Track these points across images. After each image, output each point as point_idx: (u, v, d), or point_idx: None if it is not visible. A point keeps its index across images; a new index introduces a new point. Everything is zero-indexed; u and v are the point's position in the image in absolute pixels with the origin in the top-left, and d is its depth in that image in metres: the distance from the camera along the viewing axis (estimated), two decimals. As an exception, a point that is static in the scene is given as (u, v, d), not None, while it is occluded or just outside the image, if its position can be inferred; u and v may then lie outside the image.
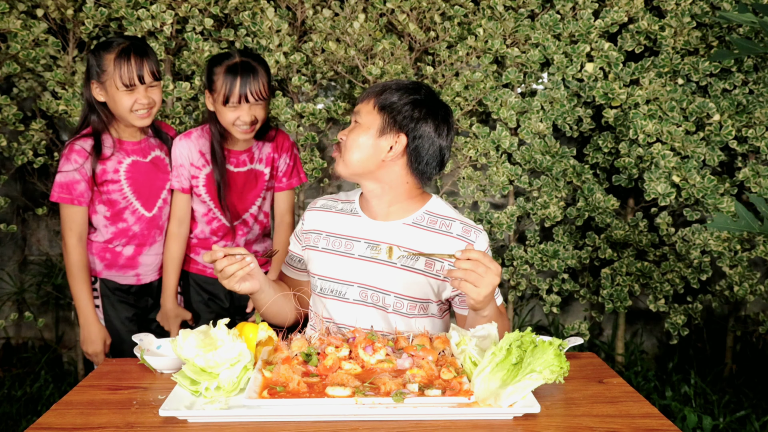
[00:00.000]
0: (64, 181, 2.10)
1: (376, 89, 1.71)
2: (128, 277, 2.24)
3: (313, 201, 1.90)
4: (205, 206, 2.28)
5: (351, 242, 1.75)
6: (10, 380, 3.26)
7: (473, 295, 1.47)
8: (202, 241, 2.33)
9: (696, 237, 3.01)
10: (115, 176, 2.14)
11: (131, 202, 2.18)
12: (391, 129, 1.66)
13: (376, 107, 1.68)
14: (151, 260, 2.27)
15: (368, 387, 1.31)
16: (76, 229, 2.13)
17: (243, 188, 2.29)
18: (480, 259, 1.45)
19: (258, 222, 2.36)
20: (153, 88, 2.10)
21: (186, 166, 2.23)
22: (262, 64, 2.16)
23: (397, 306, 1.71)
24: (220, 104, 2.13)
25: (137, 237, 2.21)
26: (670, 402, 3.09)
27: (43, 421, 1.29)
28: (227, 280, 1.58)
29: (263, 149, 2.31)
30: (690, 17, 2.91)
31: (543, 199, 3.06)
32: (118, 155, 2.15)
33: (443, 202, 1.78)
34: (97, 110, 2.12)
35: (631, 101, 2.95)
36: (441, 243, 1.71)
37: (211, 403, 1.32)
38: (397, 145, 1.67)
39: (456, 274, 1.46)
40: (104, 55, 2.06)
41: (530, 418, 1.29)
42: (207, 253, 1.58)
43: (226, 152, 2.25)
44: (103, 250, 2.20)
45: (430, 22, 2.95)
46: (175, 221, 2.27)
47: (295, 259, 1.90)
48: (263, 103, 2.16)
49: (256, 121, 2.16)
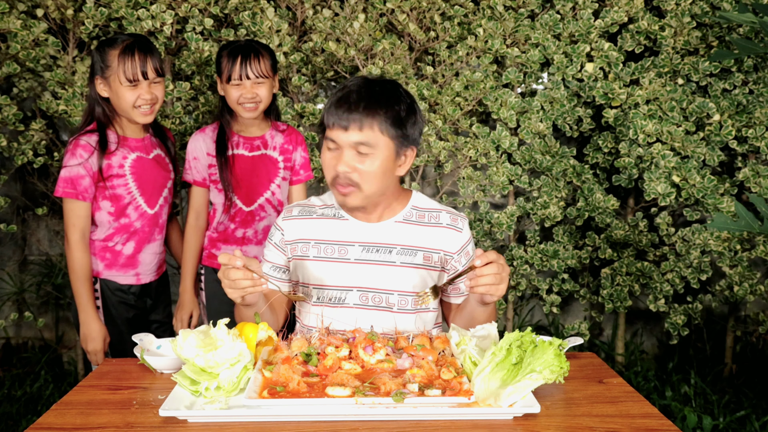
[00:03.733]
0: (68, 176, 2.11)
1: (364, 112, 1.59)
2: (128, 277, 2.25)
3: (286, 209, 1.82)
4: (222, 195, 2.36)
5: (345, 247, 1.74)
6: (10, 380, 3.26)
7: (499, 293, 1.51)
8: (222, 234, 2.39)
9: (696, 237, 3.01)
10: (120, 171, 2.16)
11: (135, 197, 2.19)
12: (405, 146, 1.67)
13: (386, 133, 1.61)
14: (151, 259, 2.27)
15: (368, 387, 1.31)
16: (80, 225, 2.14)
17: (257, 172, 2.37)
18: (496, 260, 1.49)
19: (275, 209, 2.42)
20: (156, 84, 2.13)
21: (201, 159, 2.34)
22: (265, 47, 2.31)
23: (401, 304, 1.72)
24: (225, 83, 2.27)
25: (138, 233, 2.22)
26: (670, 402, 3.09)
27: (43, 421, 1.29)
28: (233, 291, 1.50)
29: (275, 138, 2.42)
30: (690, 17, 2.91)
31: (543, 199, 3.06)
32: (122, 150, 2.17)
33: (423, 195, 1.82)
34: (102, 106, 2.15)
35: (631, 101, 2.95)
36: (433, 235, 1.74)
37: (211, 403, 1.32)
38: (409, 158, 1.69)
39: (485, 281, 1.48)
40: (109, 51, 2.09)
41: (530, 418, 1.29)
42: (224, 254, 1.49)
43: (241, 138, 2.37)
44: (103, 250, 2.21)
45: (430, 22, 2.95)
46: (192, 214, 2.37)
47: (279, 270, 1.81)
48: (265, 82, 2.28)
49: (260, 99, 2.28)
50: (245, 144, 2.37)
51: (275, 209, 2.42)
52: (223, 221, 2.38)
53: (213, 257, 2.40)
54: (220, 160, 2.32)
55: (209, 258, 2.41)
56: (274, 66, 2.31)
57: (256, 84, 2.26)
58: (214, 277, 2.39)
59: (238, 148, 2.36)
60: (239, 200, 2.36)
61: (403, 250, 1.72)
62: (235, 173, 2.34)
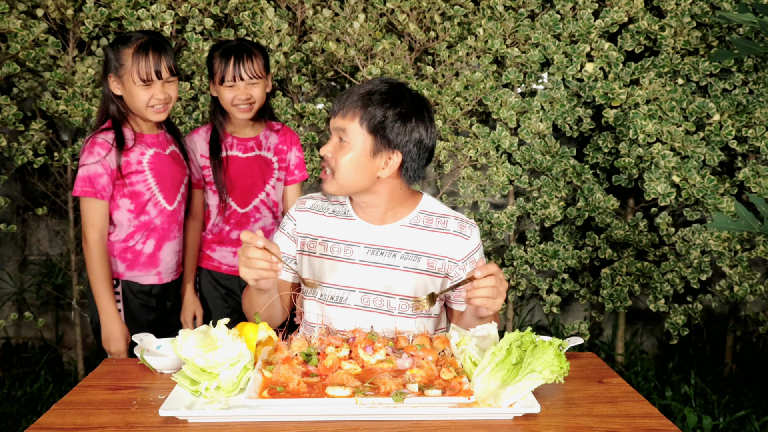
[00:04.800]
0: (86, 175, 2.07)
1: (356, 101, 1.62)
2: (150, 276, 2.21)
3: (300, 200, 1.83)
4: (217, 197, 2.35)
5: (350, 247, 1.74)
6: (10, 380, 3.26)
7: (495, 307, 1.50)
8: (217, 236, 2.37)
9: (696, 237, 3.01)
10: (139, 167, 2.13)
11: (155, 193, 2.17)
12: (385, 148, 1.63)
13: (364, 126, 1.61)
14: (171, 257, 2.24)
15: (368, 387, 1.31)
16: (98, 224, 2.10)
17: (252, 173, 2.35)
18: (497, 273, 1.48)
19: (270, 210, 2.40)
20: (170, 83, 2.11)
21: (195, 160, 2.32)
22: (257, 47, 2.28)
23: (402, 308, 1.71)
24: (218, 85, 2.25)
25: (158, 231, 2.19)
26: (670, 402, 3.09)
27: (43, 421, 1.29)
28: (249, 271, 1.49)
29: (270, 139, 2.39)
30: (690, 17, 2.91)
31: (543, 199, 3.06)
32: (140, 147, 2.14)
33: (434, 199, 1.79)
34: (116, 104, 2.13)
35: (631, 101, 2.95)
36: (440, 241, 1.72)
37: (211, 403, 1.32)
38: (392, 161, 1.64)
39: (481, 293, 1.48)
40: (123, 50, 2.07)
41: (530, 418, 1.29)
42: (247, 232, 1.48)
43: (235, 139, 2.34)
44: (124, 251, 2.17)
45: (430, 22, 2.95)
46: (190, 215, 2.34)
47: (289, 260, 1.82)
48: (259, 83, 2.26)
49: (254, 100, 2.26)
50: (239, 145, 2.35)
51: (270, 210, 2.40)
52: (217, 223, 2.36)
53: (208, 259, 2.39)
54: (214, 162, 2.30)
55: (204, 259, 2.39)
56: (267, 65, 2.29)
57: (250, 85, 2.24)
58: (209, 278, 2.39)
59: (231, 149, 2.34)
60: (234, 202, 2.35)
61: (407, 255, 1.71)
62: (230, 175, 2.32)
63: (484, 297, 1.48)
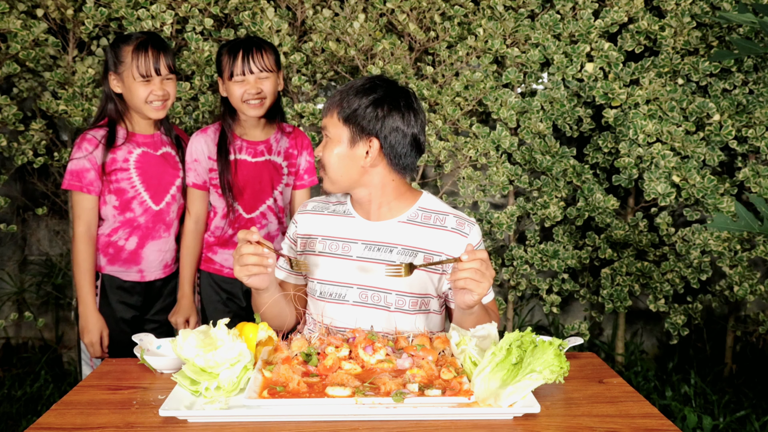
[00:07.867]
0: (74, 169, 2.16)
1: (335, 99, 1.69)
2: (131, 273, 2.24)
3: (303, 204, 1.89)
4: (223, 200, 2.29)
5: (348, 244, 1.75)
6: (10, 380, 3.26)
7: (479, 291, 1.48)
8: (219, 238, 2.33)
9: (696, 237, 3.01)
10: (124, 165, 2.18)
11: (139, 192, 2.21)
12: (361, 136, 1.66)
13: (340, 119, 1.67)
14: (155, 256, 2.26)
15: (368, 387, 1.31)
16: (85, 217, 2.17)
17: (261, 178, 2.30)
18: (485, 259, 1.48)
19: (276, 216, 2.36)
20: (168, 80, 2.17)
21: (202, 161, 2.27)
22: (267, 43, 2.23)
23: (399, 304, 1.72)
24: (228, 81, 2.19)
25: (141, 229, 2.22)
26: (670, 402, 3.09)
27: (43, 421, 1.29)
28: (241, 268, 1.55)
29: (281, 142, 2.34)
30: (690, 17, 2.91)
31: (543, 199, 3.06)
32: (128, 145, 2.19)
33: (434, 197, 1.80)
34: (114, 102, 2.19)
35: (631, 101, 2.95)
36: (437, 238, 1.72)
37: (211, 403, 1.32)
38: (372, 149, 1.67)
39: (464, 275, 1.47)
40: (123, 47, 2.14)
41: (530, 418, 1.29)
42: (244, 230, 1.53)
43: (244, 142, 2.28)
44: (106, 245, 2.22)
45: (430, 22, 2.95)
46: (191, 217, 2.29)
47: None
48: (270, 77, 2.20)
49: (265, 95, 2.19)
50: (248, 149, 2.28)
51: (276, 216, 2.35)
52: (221, 226, 2.31)
53: (209, 261, 2.34)
54: (221, 165, 2.25)
55: (205, 262, 2.34)
56: (277, 61, 2.23)
57: (260, 79, 2.17)
58: (210, 281, 2.36)
59: (240, 153, 2.27)
60: (240, 207, 2.29)
61: (403, 251, 1.72)
62: (237, 180, 2.26)
63: (467, 278, 1.46)
